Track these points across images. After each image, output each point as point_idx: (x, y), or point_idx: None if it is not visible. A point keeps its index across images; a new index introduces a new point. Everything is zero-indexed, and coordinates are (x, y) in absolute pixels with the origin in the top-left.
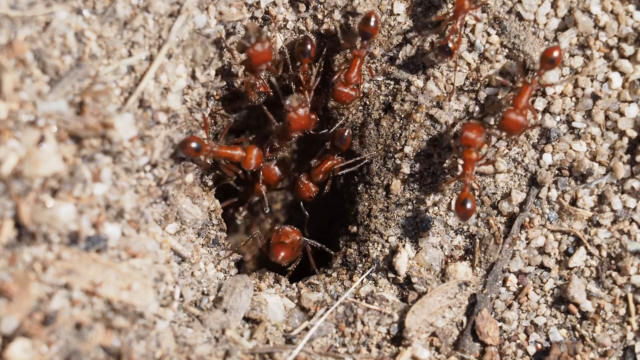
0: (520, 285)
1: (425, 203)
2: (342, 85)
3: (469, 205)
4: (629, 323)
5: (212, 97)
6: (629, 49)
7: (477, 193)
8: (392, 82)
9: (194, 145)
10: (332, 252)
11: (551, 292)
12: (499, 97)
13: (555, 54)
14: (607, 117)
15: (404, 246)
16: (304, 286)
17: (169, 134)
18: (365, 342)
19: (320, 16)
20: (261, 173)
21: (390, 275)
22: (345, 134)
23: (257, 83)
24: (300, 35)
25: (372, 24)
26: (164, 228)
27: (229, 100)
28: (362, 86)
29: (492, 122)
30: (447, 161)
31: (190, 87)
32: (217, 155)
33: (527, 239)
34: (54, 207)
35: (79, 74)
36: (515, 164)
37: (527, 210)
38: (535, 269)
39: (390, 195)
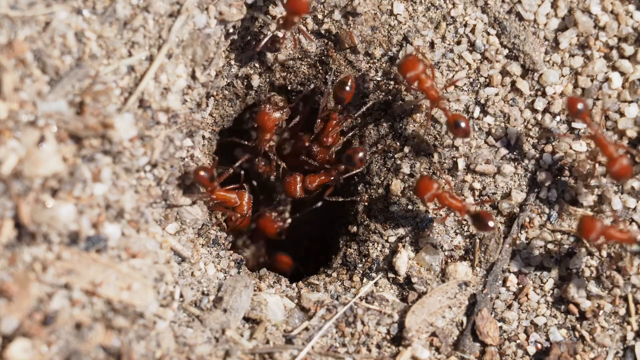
0: (520, 285)
1: None
2: (317, 146)
3: (462, 124)
4: (629, 323)
5: (212, 97)
6: (629, 49)
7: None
8: (392, 82)
9: (204, 174)
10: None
11: (551, 292)
12: (498, 94)
13: (580, 106)
14: (607, 117)
15: (404, 246)
16: (304, 286)
17: (169, 134)
18: (365, 342)
19: (320, 16)
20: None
21: (390, 275)
22: (361, 154)
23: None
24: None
25: (347, 88)
26: (164, 228)
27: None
28: (334, 148)
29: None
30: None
31: (190, 87)
32: (215, 197)
33: (527, 239)
34: (54, 207)
35: (79, 74)
36: (515, 164)
37: (527, 210)
38: (535, 269)
39: (390, 195)
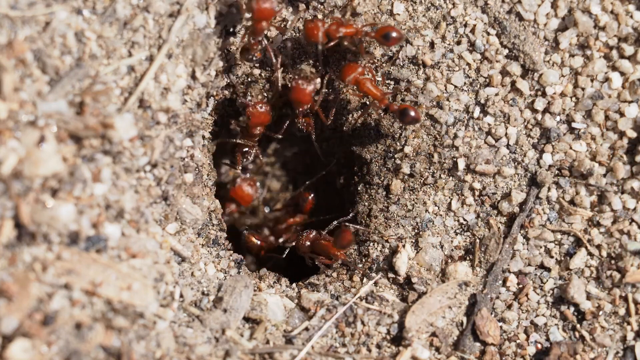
0: (520, 285)
1: (425, 203)
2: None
3: (412, 114)
4: (629, 323)
5: (212, 97)
6: (629, 49)
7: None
8: (392, 82)
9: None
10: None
11: (551, 292)
12: (498, 94)
13: None
14: (607, 117)
15: (404, 246)
16: (304, 286)
17: (169, 134)
18: (365, 342)
19: (320, 16)
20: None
21: (390, 275)
22: (310, 197)
23: (255, 45)
24: None
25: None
26: (164, 228)
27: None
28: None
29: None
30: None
31: (190, 87)
32: None
33: (527, 239)
34: (54, 207)
35: (79, 74)
36: (515, 164)
37: (527, 210)
38: (535, 269)
39: (390, 195)
